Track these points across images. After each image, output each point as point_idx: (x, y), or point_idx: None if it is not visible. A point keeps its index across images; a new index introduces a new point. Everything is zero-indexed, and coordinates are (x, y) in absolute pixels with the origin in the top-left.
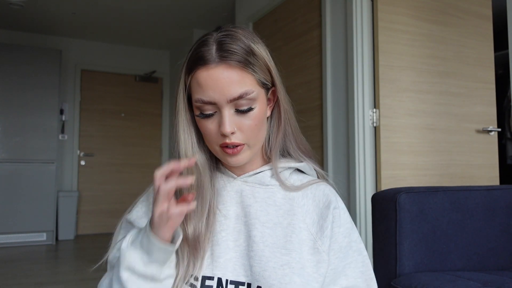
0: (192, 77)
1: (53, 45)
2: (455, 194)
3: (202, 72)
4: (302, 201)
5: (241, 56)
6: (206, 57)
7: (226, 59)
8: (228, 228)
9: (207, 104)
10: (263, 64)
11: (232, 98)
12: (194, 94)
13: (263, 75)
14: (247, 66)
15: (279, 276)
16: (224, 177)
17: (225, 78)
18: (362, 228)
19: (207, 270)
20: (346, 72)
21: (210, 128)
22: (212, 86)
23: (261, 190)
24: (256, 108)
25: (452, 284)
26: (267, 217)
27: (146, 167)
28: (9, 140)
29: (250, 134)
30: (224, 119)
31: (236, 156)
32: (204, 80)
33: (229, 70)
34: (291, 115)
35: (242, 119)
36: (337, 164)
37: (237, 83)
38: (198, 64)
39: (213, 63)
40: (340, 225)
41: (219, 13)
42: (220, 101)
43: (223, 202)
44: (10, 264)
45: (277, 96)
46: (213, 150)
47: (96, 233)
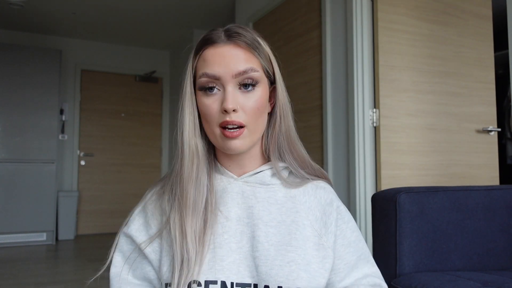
0: (199, 57)
1: (53, 45)
2: (455, 194)
3: (209, 50)
4: (304, 198)
5: (248, 39)
6: (214, 38)
7: (235, 39)
8: (230, 230)
9: (211, 79)
10: (267, 56)
11: (237, 72)
12: (199, 71)
13: (267, 65)
14: (253, 48)
15: (286, 273)
16: (224, 179)
17: (232, 54)
18: (362, 228)
19: (210, 274)
20: (346, 72)
21: (212, 107)
22: (218, 60)
23: (262, 190)
24: (258, 90)
25: (452, 284)
26: (270, 216)
27: (146, 167)
28: (9, 140)
29: (252, 116)
30: (227, 94)
31: (235, 140)
32: (211, 56)
33: (237, 48)
34: (287, 116)
35: (245, 99)
36: (337, 164)
37: (243, 60)
38: (205, 44)
39: (221, 42)
40: (346, 221)
41: (219, 13)
42: (225, 76)
43: (224, 204)
44: (10, 264)
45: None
46: (212, 135)
47: (96, 233)
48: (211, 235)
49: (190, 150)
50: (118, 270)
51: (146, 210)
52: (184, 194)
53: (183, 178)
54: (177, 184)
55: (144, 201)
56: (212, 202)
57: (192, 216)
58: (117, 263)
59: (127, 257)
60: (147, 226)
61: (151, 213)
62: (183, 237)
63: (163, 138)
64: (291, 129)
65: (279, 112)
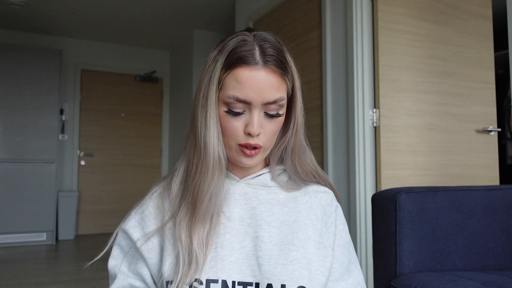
0: (230, 73)
1: (53, 45)
2: (455, 194)
3: (244, 70)
4: (305, 198)
5: (281, 63)
6: (250, 58)
7: (270, 63)
8: (232, 231)
9: (241, 102)
10: (292, 74)
11: (268, 102)
12: (228, 90)
13: (291, 84)
14: (284, 72)
15: (290, 271)
16: (227, 180)
17: (267, 82)
18: (362, 228)
19: (211, 273)
20: (346, 72)
21: (235, 126)
22: (253, 86)
23: (264, 192)
24: (281, 115)
25: (452, 284)
26: (273, 217)
27: (146, 167)
28: (9, 140)
29: (270, 138)
30: (254, 120)
31: (251, 158)
32: (245, 79)
33: (271, 75)
34: (300, 132)
35: (268, 123)
36: (337, 164)
37: (275, 88)
38: (240, 62)
39: (257, 65)
40: (343, 223)
41: (219, 13)
42: (255, 102)
43: (227, 205)
44: (10, 264)
45: (290, 105)
46: (229, 148)
47: (96, 233)
48: (214, 235)
49: (215, 161)
50: (116, 262)
51: (144, 208)
52: (199, 202)
53: (203, 187)
54: (191, 189)
55: (143, 201)
56: (217, 205)
57: (201, 222)
58: (116, 256)
59: (125, 251)
60: (143, 224)
61: (148, 211)
62: (190, 240)
63: (163, 138)
64: (299, 142)
65: (293, 128)
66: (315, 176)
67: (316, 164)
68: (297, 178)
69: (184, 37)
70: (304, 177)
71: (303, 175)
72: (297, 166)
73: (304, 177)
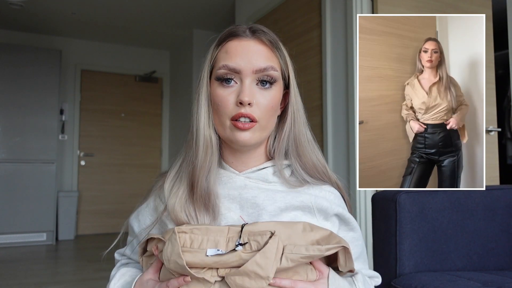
0: (221, 48)
1: (53, 45)
2: (455, 194)
3: (233, 42)
4: (309, 190)
5: (271, 38)
6: (239, 31)
7: (259, 35)
8: (232, 221)
9: (231, 71)
10: (285, 59)
11: (258, 69)
12: (220, 62)
13: (285, 67)
14: (275, 48)
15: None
16: (226, 173)
17: (255, 50)
18: (362, 228)
19: None
20: (346, 72)
21: (226, 98)
22: (241, 53)
23: (264, 186)
24: (274, 89)
25: (452, 284)
26: (274, 205)
27: (146, 167)
28: (9, 140)
29: (265, 113)
30: (245, 87)
31: (245, 132)
32: (234, 48)
33: (260, 45)
34: (299, 122)
35: (261, 95)
36: (337, 164)
37: (265, 57)
38: (230, 36)
39: (245, 36)
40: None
41: (219, 13)
42: (245, 69)
43: (226, 196)
44: (10, 264)
45: (288, 99)
46: (221, 127)
47: (96, 233)
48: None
49: (205, 141)
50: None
51: (143, 205)
52: (196, 181)
53: (196, 167)
54: (187, 172)
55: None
56: (216, 194)
57: (197, 202)
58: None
59: (130, 241)
60: (139, 218)
61: (145, 205)
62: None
63: (163, 138)
64: (302, 135)
65: (290, 117)
66: (322, 174)
67: (326, 164)
68: (303, 173)
69: (184, 37)
70: (311, 173)
71: (309, 171)
72: (302, 161)
73: (311, 173)
